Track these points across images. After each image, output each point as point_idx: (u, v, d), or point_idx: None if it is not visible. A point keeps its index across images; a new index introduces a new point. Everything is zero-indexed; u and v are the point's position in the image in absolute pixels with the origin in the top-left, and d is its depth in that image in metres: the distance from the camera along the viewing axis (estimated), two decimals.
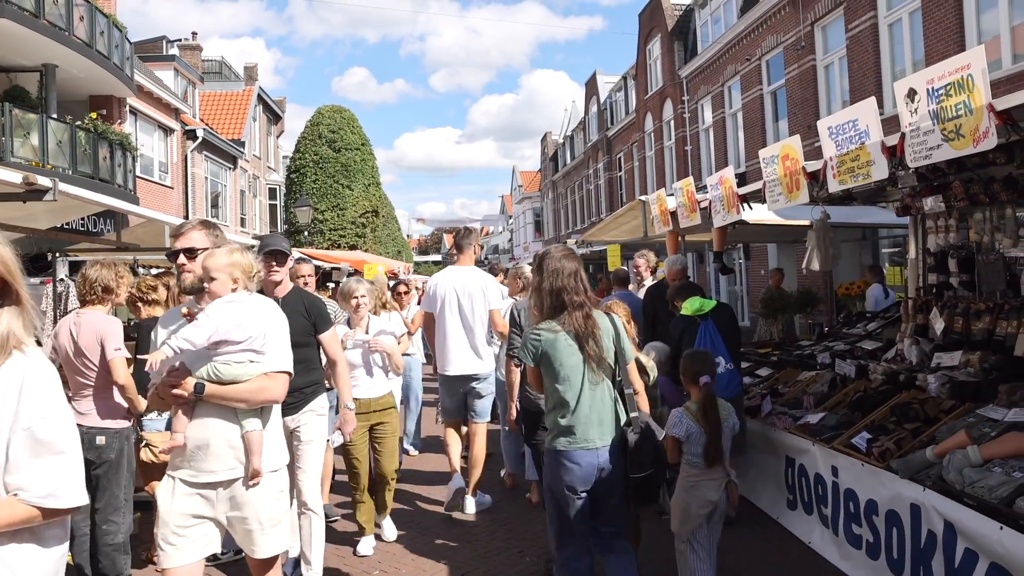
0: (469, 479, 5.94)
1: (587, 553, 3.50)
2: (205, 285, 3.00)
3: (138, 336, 4.98)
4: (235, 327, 2.91)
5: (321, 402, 4.37)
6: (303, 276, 5.63)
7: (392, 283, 8.73)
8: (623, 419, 3.48)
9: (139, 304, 5.02)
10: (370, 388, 5.11)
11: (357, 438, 4.97)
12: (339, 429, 4.48)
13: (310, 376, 4.28)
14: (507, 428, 6.18)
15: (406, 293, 8.13)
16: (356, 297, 5.15)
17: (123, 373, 4.15)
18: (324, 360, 4.51)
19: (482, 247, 73.50)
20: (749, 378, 6.92)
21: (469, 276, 5.85)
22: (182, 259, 3.08)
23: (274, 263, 4.29)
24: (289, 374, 3.06)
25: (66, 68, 14.88)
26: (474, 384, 5.82)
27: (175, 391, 2.89)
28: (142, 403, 4.25)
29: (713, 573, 3.96)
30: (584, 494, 3.41)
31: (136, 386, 4.22)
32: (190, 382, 2.88)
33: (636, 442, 3.38)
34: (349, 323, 5.22)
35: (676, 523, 4.03)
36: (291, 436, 4.22)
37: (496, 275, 8.03)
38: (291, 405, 4.16)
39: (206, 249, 3.08)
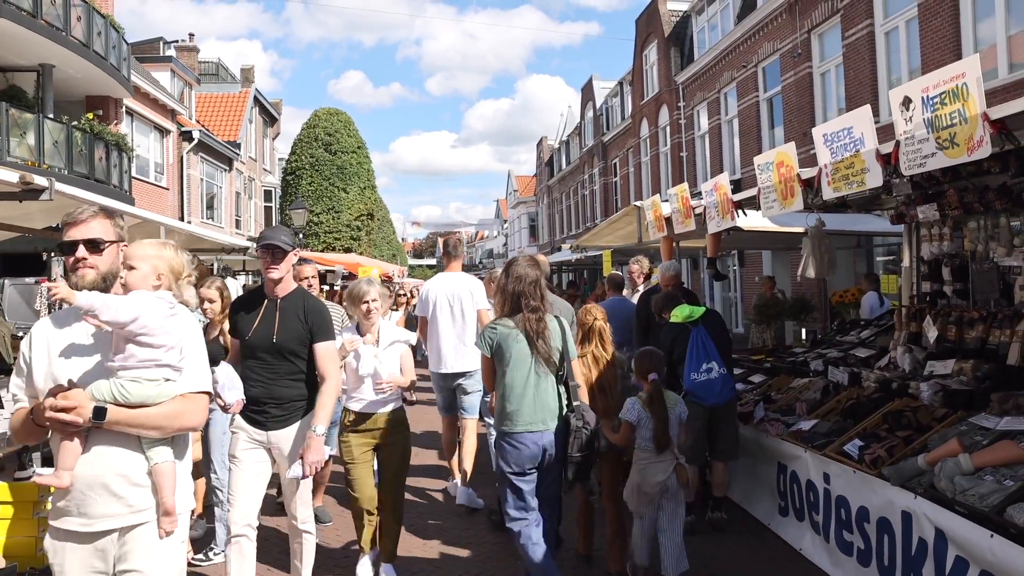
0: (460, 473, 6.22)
1: (538, 523, 3.93)
2: (121, 275, 2.46)
3: None
4: (159, 327, 2.37)
5: (308, 420, 3.90)
6: (306, 278, 5.38)
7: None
8: (565, 408, 3.96)
9: None
10: (376, 401, 4.49)
11: (360, 458, 4.46)
12: (301, 458, 3.69)
13: (301, 388, 3.90)
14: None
15: (388, 296, 7.82)
16: (367, 301, 4.49)
17: None
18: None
19: (470, 247, 73.88)
20: (742, 384, 6.92)
21: (458, 281, 6.26)
22: (82, 252, 2.41)
23: (269, 259, 3.85)
24: (210, 395, 2.56)
25: (63, 68, 14.85)
26: (462, 381, 6.12)
27: (65, 416, 2.21)
28: None
29: (646, 551, 4.38)
30: (531, 471, 3.90)
31: None
32: (87, 404, 2.24)
33: (577, 427, 3.87)
34: (359, 329, 4.59)
35: (629, 499, 4.47)
36: (271, 452, 3.88)
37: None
38: (278, 419, 3.83)
39: (113, 242, 2.49)
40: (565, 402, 3.98)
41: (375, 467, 4.71)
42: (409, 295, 16.56)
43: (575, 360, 4.14)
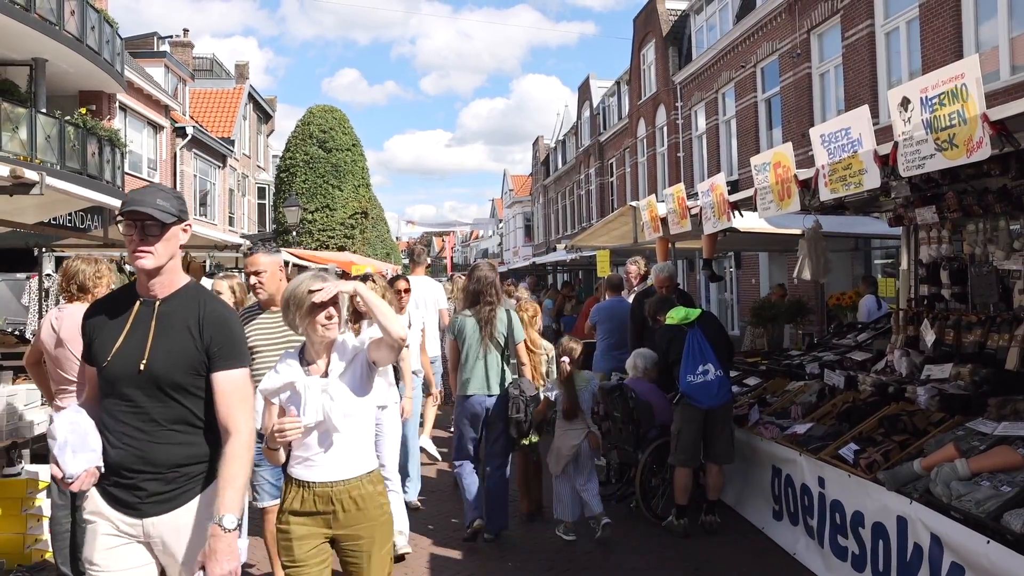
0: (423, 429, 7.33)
1: (475, 470, 5.27)
2: None
3: None
4: None
5: (213, 496, 2.41)
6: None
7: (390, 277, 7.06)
8: (508, 380, 5.19)
9: None
10: (335, 465, 2.79)
11: (308, 557, 2.79)
12: (202, 569, 2.30)
13: (196, 446, 2.45)
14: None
15: (407, 291, 6.10)
16: (327, 304, 2.77)
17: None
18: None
19: (465, 246, 73.95)
20: (737, 387, 6.88)
21: (425, 284, 7.34)
22: None
23: (137, 236, 2.38)
24: None
25: (56, 62, 14.76)
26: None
27: None
28: None
29: (576, 504, 5.29)
30: (476, 426, 5.18)
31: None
32: None
33: (514, 394, 5.10)
34: (303, 354, 2.89)
35: (552, 462, 5.42)
36: (152, 551, 2.45)
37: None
38: (159, 498, 2.39)
39: None
40: (508, 375, 5.19)
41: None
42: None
43: (520, 344, 5.29)
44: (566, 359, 5.42)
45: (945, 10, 11.01)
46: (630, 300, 7.58)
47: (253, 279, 4.03)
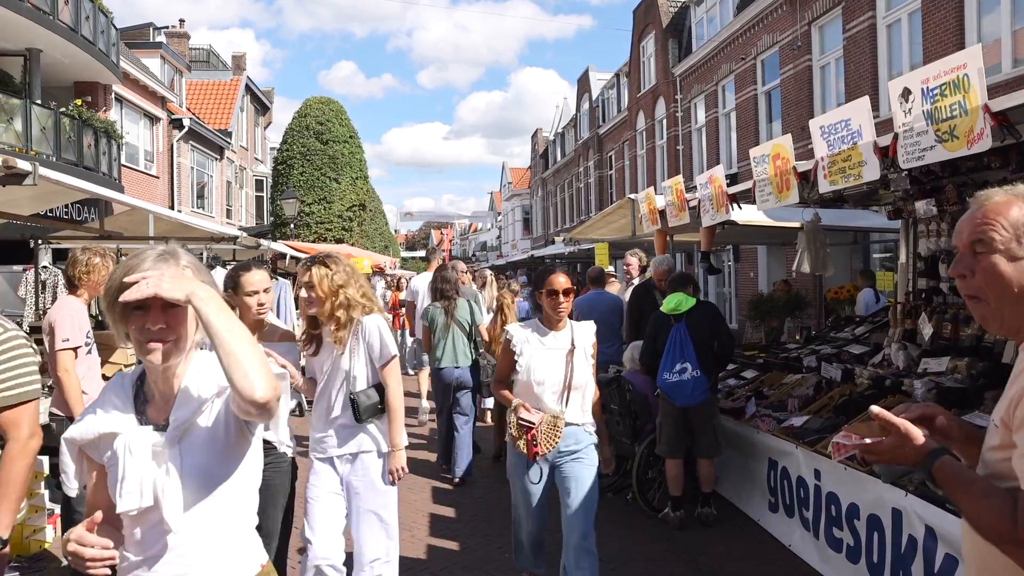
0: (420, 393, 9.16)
1: (450, 421, 6.75)
2: None
3: None
4: None
5: None
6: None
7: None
8: (473, 354, 6.75)
9: None
10: (183, 573, 1.73)
11: None
12: None
13: None
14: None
15: (567, 293, 4.01)
16: (149, 310, 1.64)
17: (63, 367, 3.94)
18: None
19: (463, 240, 74.14)
20: (734, 380, 6.87)
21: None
22: None
23: None
24: None
25: (50, 53, 14.65)
26: None
27: None
28: (80, 408, 3.69)
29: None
30: (449, 391, 6.71)
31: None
32: None
33: (483, 365, 6.86)
34: (142, 383, 1.80)
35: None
36: None
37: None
38: None
39: None
40: (471, 351, 6.70)
41: None
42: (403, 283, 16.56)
43: (482, 325, 6.88)
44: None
45: (947, 2, 10.96)
46: (627, 295, 7.54)
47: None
